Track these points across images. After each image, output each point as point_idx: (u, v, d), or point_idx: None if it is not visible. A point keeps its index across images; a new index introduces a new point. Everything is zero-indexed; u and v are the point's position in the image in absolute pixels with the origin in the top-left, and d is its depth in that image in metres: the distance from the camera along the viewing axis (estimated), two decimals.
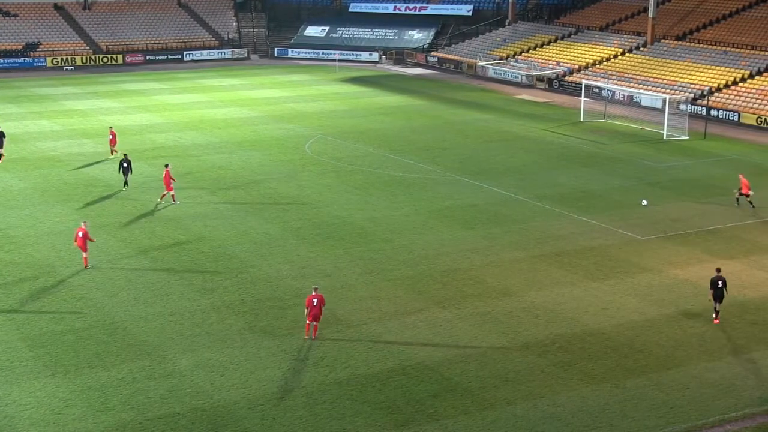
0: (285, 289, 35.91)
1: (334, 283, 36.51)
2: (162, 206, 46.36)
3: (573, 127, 70.18)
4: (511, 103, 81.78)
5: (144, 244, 41.19)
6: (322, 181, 52.61)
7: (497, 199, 49.45)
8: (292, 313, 33.47)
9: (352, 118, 72.53)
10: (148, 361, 29.55)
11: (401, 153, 60.05)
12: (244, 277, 37.09)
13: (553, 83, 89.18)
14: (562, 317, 33.50)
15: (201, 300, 34.66)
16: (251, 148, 61.39)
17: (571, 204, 48.40)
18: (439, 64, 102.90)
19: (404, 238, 42.57)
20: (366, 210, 46.87)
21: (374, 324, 32.63)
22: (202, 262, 38.92)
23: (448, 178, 53.57)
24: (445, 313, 33.67)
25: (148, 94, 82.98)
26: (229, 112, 74.92)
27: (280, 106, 77.93)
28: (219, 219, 45.13)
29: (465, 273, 37.86)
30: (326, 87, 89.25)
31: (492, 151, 61.34)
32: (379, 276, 37.50)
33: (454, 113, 75.67)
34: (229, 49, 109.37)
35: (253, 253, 40.15)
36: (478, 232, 43.50)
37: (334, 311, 33.64)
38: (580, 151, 61.65)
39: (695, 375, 29.15)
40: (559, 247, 41.25)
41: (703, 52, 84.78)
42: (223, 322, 32.63)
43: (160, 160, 56.95)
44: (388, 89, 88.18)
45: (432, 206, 47.69)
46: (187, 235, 42.54)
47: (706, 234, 43.36)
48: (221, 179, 52.86)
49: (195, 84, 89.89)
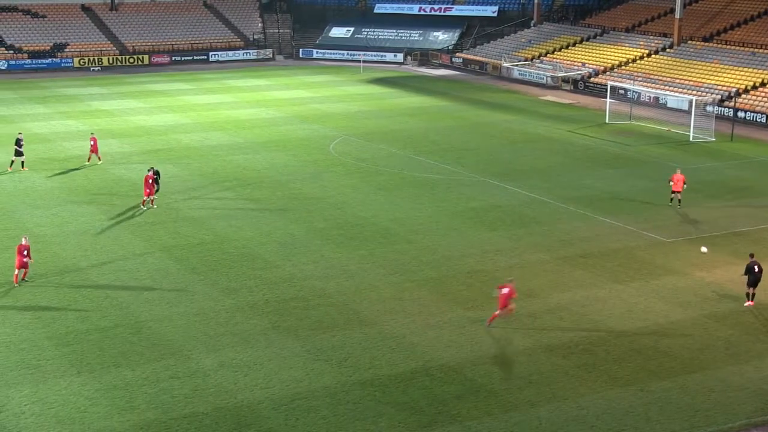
0: (309, 289, 35.97)
1: (358, 284, 36.54)
2: (141, 211, 45.88)
3: (598, 128, 69.88)
4: (536, 104, 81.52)
5: (169, 243, 41.38)
6: (347, 182, 52.66)
7: (521, 200, 49.32)
8: (315, 313, 33.53)
9: (377, 119, 72.55)
10: (172, 360, 29.69)
11: (425, 154, 60.01)
12: (269, 278, 37.19)
13: (578, 84, 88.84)
14: (587, 319, 33.35)
15: (225, 300, 34.79)
16: (276, 148, 61.54)
17: (596, 206, 48.19)
18: (464, 65, 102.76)
19: (428, 239, 42.53)
20: (390, 211, 46.88)
21: (398, 325, 32.62)
22: (227, 262, 39.06)
23: (472, 179, 53.48)
24: (469, 315, 33.61)
25: (173, 95, 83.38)
26: (254, 112, 75.15)
27: (304, 106, 78.09)
28: (243, 219, 45.27)
29: (489, 274, 37.77)
30: (351, 88, 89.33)
31: (516, 153, 61.18)
32: (403, 277, 37.49)
33: (478, 114, 75.53)
34: (254, 50, 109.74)
35: (278, 253, 40.24)
36: (502, 234, 43.39)
37: (358, 312, 33.67)
38: (605, 153, 61.36)
39: (721, 378, 28.93)
40: (583, 249, 41.08)
41: (730, 53, 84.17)
42: (248, 322, 32.73)
43: (185, 161, 57.28)
44: (412, 90, 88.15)
45: (456, 207, 47.62)
46: (212, 235, 42.70)
47: (732, 236, 43.04)
48: (246, 179, 53.03)
49: (220, 84, 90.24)
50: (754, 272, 34.39)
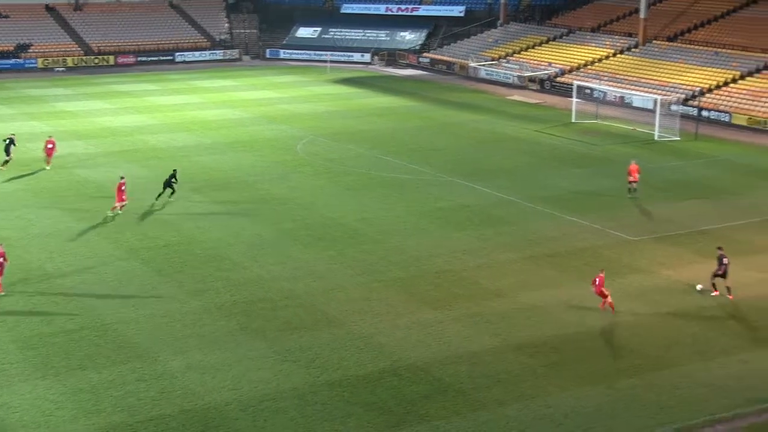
0: (277, 290, 35.87)
1: (326, 285, 36.49)
2: (111, 216, 45.53)
3: (565, 128, 70.25)
4: (503, 104, 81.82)
5: (135, 245, 41.10)
6: (314, 183, 52.57)
7: (490, 200, 49.47)
8: (283, 314, 33.44)
9: (344, 120, 72.49)
10: (139, 362, 29.48)
11: (393, 154, 60.04)
12: (236, 279, 37.04)
13: (544, 84, 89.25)
14: (555, 318, 33.52)
15: (192, 302, 34.60)
16: (243, 149, 61.32)
17: (563, 205, 48.44)
18: (431, 65, 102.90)
19: (396, 239, 42.55)
20: (358, 211, 46.85)
21: (366, 325, 32.61)
22: (194, 263, 38.86)
23: (440, 179, 53.58)
24: (437, 314, 33.66)
25: (139, 96, 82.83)
26: (220, 113, 74.81)
27: (271, 107, 77.84)
28: (210, 220, 45.06)
29: (457, 274, 37.86)
30: (318, 88, 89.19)
31: (484, 152, 61.36)
32: (371, 277, 37.49)
33: (446, 114, 75.68)
34: (220, 51, 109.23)
35: (245, 254, 40.10)
36: (470, 234, 43.50)
37: (326, 312, 33.63)
38: (572, 152, 61.70)
39: (687, 375, 29.19)
40: (551, 248, 41.28)
41: (694, 53, 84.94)
42: (215, 324, 32.58)
43: (152, 162, 56.91)
44: (380, 90, 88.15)
45: (424, 207, 47.68)
46: (179, 236, 42.47)
47: (697, 235, 43.43)
48: (213, 180, 52.79)
49: (186, 85, 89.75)
50: (723, 263, 35.36)
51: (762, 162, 59.67)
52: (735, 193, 51.51)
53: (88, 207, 46.95)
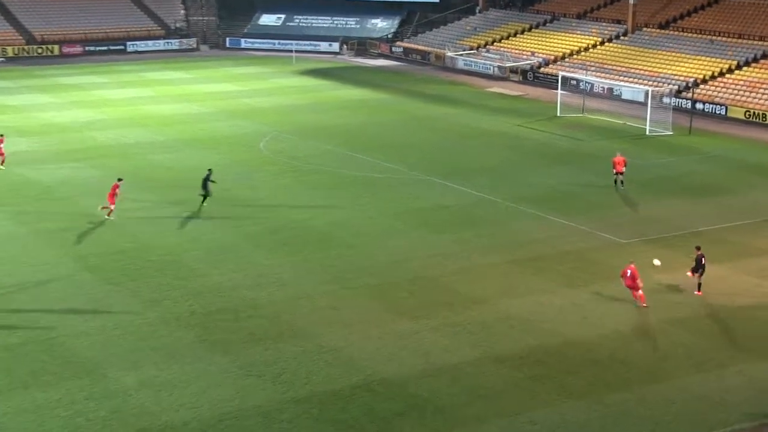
0: (239, 299, 35.79)
1: (292, 293, 36.45)
2: (107, 219, 45.55)
3: (549, 122, 70.58)
4: (483, 96, 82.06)
5: (84, 251, 40.87)
6: (279, 182, 52.52)
7: (469, 200, 49.60)
8: (246, 325, 33.37)
9: (311, 114, 72.45)
10: (88, 380, 29.29)
11: (364, 151, 60.08)
12: (195, 287, 36.93)
13: (527, 75, 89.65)
14: (539, 327, 33.63)
15: (147, 312, 34.46)
16: (201, 146, 61.14)
17: (548, 205, 48.65)
18: (405, 55, 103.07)
19: (369, 243, 42.57)
20: (327, 213, 46.83)
21: (336, 337, 32.59)
22: (149, 271, 38.70)
23: (415, 178, 53.67)
24: (413, 325, 33.70)
25: (87, 89, 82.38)
26: (176, 108, 74.55)
27: (232, 101, 77.67)
28: (166, 224, 44.90)
29: (434, 281, 37.92)
30: (282, 80, 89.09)
31: (463, 149, 61.52)
32: (341, 285, 37.48)
33: (421, 108, 75.81)
34: (176, 39, 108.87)
35: (204, 260, 39.99)
36: (448, 236, 43.60)
37: (293, 323, 33.59)
38: (557, 148, 61.99)
39: (682, 388, 29.36)
40: (535, 252, 41.44)
41: (687, 42, 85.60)
42: (172, 336, 32.46)
43: (101, 161, 56.63)
44: (349, 82, 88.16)
45: (399, 208, 47.74)
46: (132, 241, 42.28)
47: (691, 236, 43.72)
48: (169, 181, 52.60)
49: (139, 77, 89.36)
50: (701, 264, 36.45)
51: (760, 158, 60.24)
52: (731, 191, 51.95)
53: (31, 210, 46.62)
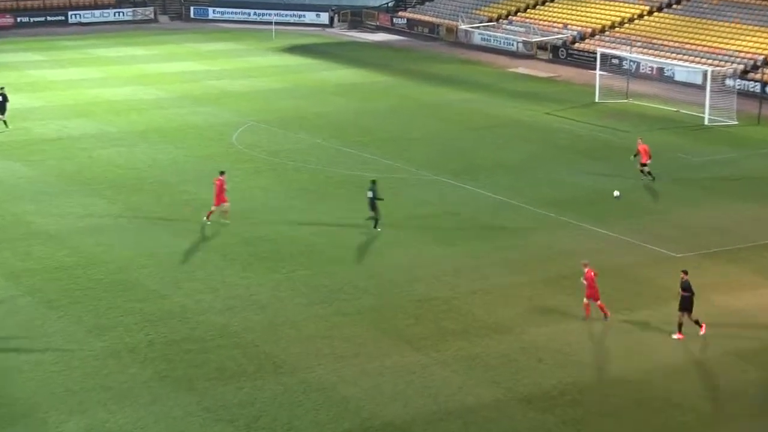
0: (207, 326, 35.80)
1: (272, 318, 36.47)
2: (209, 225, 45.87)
3: (585, 109, 70.62)
4: (504, 78, 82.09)
5: (16, 267, 40.90)
6: (255, 183, 52.55)
7: (486, 204, 49.65)
8: (216, 358, 33.38)
9: (294, 100, 72.48)
10: (22, 425, 29.28)
11: (359, 145, 60.12)
12: (152, 312, 36.94)
13: (558, 52, 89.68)
14: (574, 361, 33.65)
15: (94, 343, 34.47)
16: (160, 139, 61.17)
17: (583, 211, 48.68)
18: (409, 28, 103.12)
19: (365, 257, 42.61)
20: (314, 221, 46.86)
21: (326, 372, 32.60)
22: (96, 291, 38.71)
23: (420, 178, 53.68)
24: (420, 357, 33.72)
25: (20, 68, 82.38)
26: (130, 92, 74.56)
27: (197, 83, 77.69)
28: (118, 234, 44.94)
29: (445, 303, 37.94)
30: (259, 59, 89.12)
31: (479, 142, 61.54)
32: (332, 308, 37.50)
33: (428, 92, 75.82)
34: (129, 9, 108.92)
35: (164, 279, 40.01)
36: (461, 249, 43.63)
37: (273, 355, 33.61)
38: (595, 142, 62.04)
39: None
40: (567, 268, 41.41)
41: (755, 11, 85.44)
42: (125, 372, 32.46)
43: (37, 157, 56.67)
44: (341, 61, 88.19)
45: (400, 215, 47.76)
46: (75, 256, 42.31)
47: (761, 249, 43.74)
48: (120, 181, 52.62)
49: (84, 55, 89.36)
50: (683, 294, 34.92)
51: None
52: None
53: None
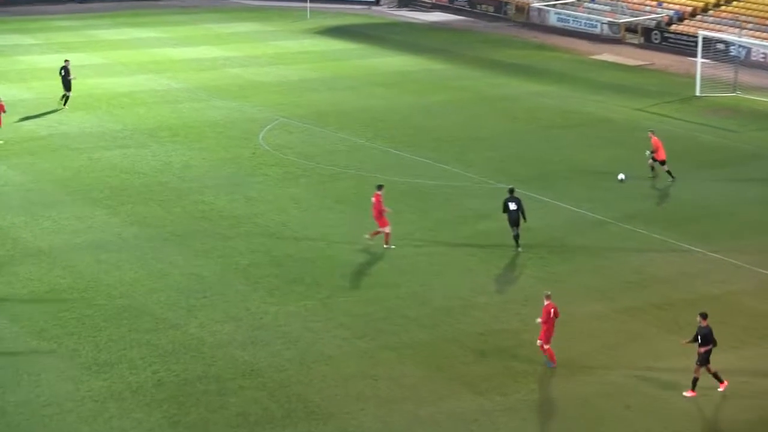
0: (226, 363, 35.89)
1: (304, 354, 36.51)
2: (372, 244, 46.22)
3: (684, 105, 70.37)
4: (586, 67, 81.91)
5: (2, 292, 41.26)
6: (286, 192, 52.67)
7: (562, 218, 49.59)
8: (237, 401, 33.45)
9: (333, 93, 72.63)
10: None
11: (410, 147, 60.16)
12: (162, 345, 37.07)
13: (651, 36, 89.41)
14: (673, 409, 33.46)
15: (92, 381, 34.64)
16: (173, 139, 61.48)
17: (681, 227, 48.48)
18: (471, 7, 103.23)
19: (416, 281, 42.64)
20: (355, 237, 46.91)
21: (369, 419, 32.61)
22: (94, 320, 38.90)
23: (483, 187, 53.64)
24: (482, 402, 33.68)
25: (6, 53, 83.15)
26: (136, 82, 75.00)
27: (217, 72, 78.04)
28: (122, 252, 45.18)
29: (513, 337, 37.86)
30: (291, 43, 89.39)
31: (554, 144, 61.41)
32: (377, 342, 37.53)
33: (493, 84, 75.79)
34: None
35: (176, 306, 40.17)
36: (532, 272, 43.55)
37: (305, 398, 33.66)
38: (696, 144, 61.81)
39: None
40: (661, 295, 41.25)
41: None
42: (128, 417, 32.59)
43: (27, 159, 57.07)
44: (389, 46, 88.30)
45: (459, 231, 47.75)
46: (70, 277, 42.56)
47: None
48: (126, 189, 52.88)
49: (82, 37, 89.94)
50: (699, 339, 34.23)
51: None
52: None
53: None
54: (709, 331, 34.11)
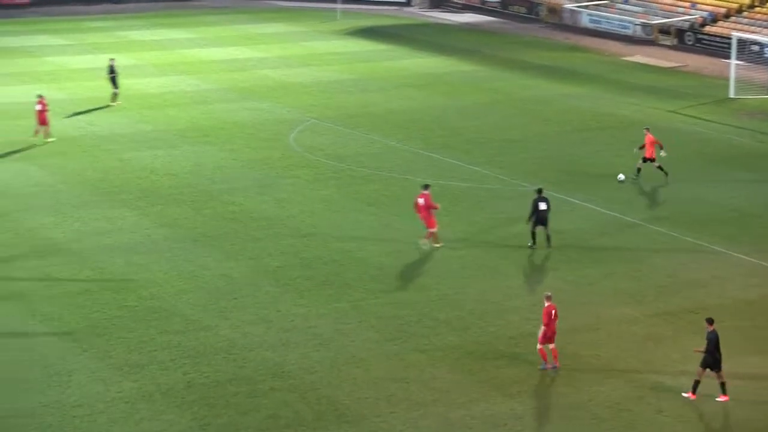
0: (257, 365, 35.95)
1: (334, 356, 36.54)
2: (426, 247, 46.29)
3: (718, 107, 70.13)
4: (618, 68, 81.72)
5: (30, 290, 41.36)
6: (317, 194, 52.71)
7: (595, 221, 49.49)
8: (267, 403, 33.50)
9: (363, 94, 72.65)
10: None
11: (441, 148, 60.13)
12: (192, 346, 37.16)
13: (685, 37, 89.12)
14: (702, 414, 33.34)
15: (122, 382, 34.72)
16: (203, 140, 61.60)
17: (715, 230, 48.32)
18: (503, 8, 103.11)
19: (447, 284, 42.62)
20: (386, 239, 46.95)
21: (399, 422, 32.59)
22: (125, 321, 39.02)
23: (515, 189, 53.59)
24: (513, 405, 33.63)
25: (36, 54, 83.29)
26: (167, 83, 75.16)
27: (248, 73, 78.13)
28: (151, 253, 45.30)
29: None
30: (321, 43, 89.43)
31: (587, 147, 61.31)
32: (407, 344, 37.53)
33: (525, 86, 75.70)
34: None
35: (207, 307, 40.25)
36: (563, 275, 43.49)
37: (336, 400, 33.68)
38: (730, 146, 61.60)
39: None
40: (694, 300, 41.11)
41: None
42: (159, 419, 32.66)
43: (57, 160, 57.23)
44: (420, 47, 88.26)
45: (491, 234, 47.72)
46: (101, 278, 42.69)
47: None
48: (155, 190, 53.01)
49: (113, 38, 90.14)
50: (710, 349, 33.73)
51: None
52: None
53: None
54: (713, 336, 33.69)
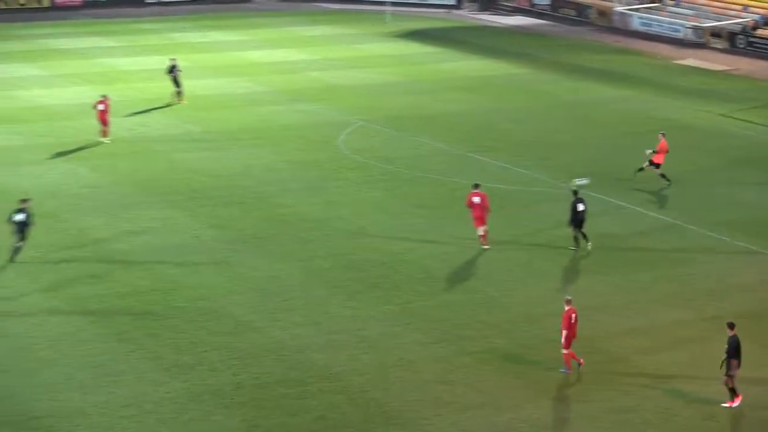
0: (306, 366, 36.07)
1: (382, 358, 36.62)
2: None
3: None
4: (669, 72, 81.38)
5: (82, 293, 41.61)
6: (366, 196, 52.80)
7: (645, 225, 49.37)
8: (316, 404, 33.59)
9: (413, 96, 72.62)
10: None
11: (490, 151, 60.09)
12: (242, 347, 37.31)
13: (737, 40, 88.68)
14: (762, 421, 33.12)
15: (172, 382, 34.90)
16: (253, 142, 61.77)
17: (764, 234, 48.12)
18: (553, 10, 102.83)
19: (494, 286, 42.64)
20: (434, 242, 46.98)
21: (446, 424, 32.61)
22: (175, 322, 39.22)
23: (564, 192, 53.45)
24: (560, 409, 33.59)
25: (87, 56, 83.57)
26: (218, 84, 75.38)
27: (298, 75, 78.23)
28: (201, 254, 45.49)
29: (592, 344, 37.68)
30: (371, 46, 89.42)
31: (636, 150, 61.11)
32: (455, 347, 37.56)
33: (574, 89, 75.49)
34: None
35: (256, 309, 40.41)
36: (612, 279, 43.41)
37: (384, 403, 33.75)
38: None
39: None
40: (745, 305, 40.93)
41: None
42: (208, 419, 32.81)
43: (108, 161, 57.49)
44: (470, 50, 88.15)
45: (539, 237, 47.68)
46: (150, 279, 42.92)
47: None
48: (205, 192, 53.18)
49: (164, 40, 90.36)
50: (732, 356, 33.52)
51: None
52: None
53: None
54: (733, 341, 33.61)
